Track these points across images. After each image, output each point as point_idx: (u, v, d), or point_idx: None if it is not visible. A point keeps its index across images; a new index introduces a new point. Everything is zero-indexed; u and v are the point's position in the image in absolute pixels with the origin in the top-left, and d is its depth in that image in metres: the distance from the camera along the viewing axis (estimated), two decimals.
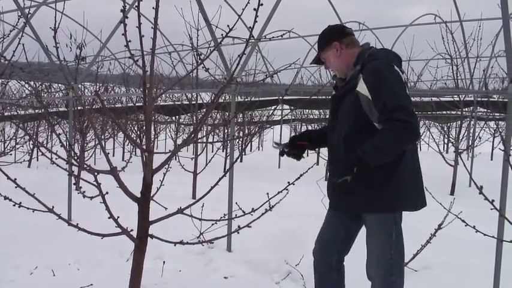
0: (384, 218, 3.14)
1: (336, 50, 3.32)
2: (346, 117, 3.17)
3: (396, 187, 3.08)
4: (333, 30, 3.43)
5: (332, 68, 3.44)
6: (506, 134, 4.32)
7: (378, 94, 2.96)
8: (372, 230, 3.22)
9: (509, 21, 4.21)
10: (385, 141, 2.92)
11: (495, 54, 12.67)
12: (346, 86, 3.23)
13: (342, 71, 3.36)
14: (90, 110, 11.68)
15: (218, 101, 2.96)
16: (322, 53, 3.42)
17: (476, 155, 13.46)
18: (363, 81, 3.04)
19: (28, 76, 11.73)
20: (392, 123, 2.87)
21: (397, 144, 2.96)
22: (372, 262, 3.23)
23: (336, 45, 3.32)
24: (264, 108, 19.92)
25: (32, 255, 5.35)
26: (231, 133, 6.48)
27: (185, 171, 9.43)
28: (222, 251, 5.80)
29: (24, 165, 14.37)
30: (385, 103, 2.90)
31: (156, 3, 2.27)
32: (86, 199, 2.58)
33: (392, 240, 3.13)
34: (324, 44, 3.39)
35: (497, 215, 3.71)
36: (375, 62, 3.09)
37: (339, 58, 3.33)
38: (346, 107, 3.18)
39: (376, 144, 2.93)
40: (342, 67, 3.34)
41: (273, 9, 5.89)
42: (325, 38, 3.41)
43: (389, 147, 2.96)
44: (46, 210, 2.57)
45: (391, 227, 3.13)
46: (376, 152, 2.93)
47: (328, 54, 3.36)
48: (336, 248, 3.45)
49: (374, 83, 3.00)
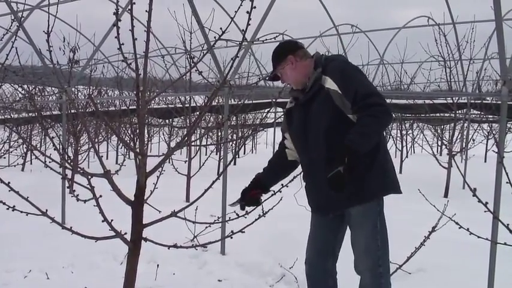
0: (369, 208, 3.21)
1: (291, 63, 3.41)
2: (319, 118, 3.24)
3: (378, 173, 3.19)
4: (286, 45, 3.58)
5: (289, 81, 3.51)
6: (500, 136, 4.34)
7: (347, 86, 3.11)
8: (357, 223, 3.27)
9: (502, 23, 4.23)
10: (368, 125, 3.04)
11: (488, 57, 12.75)
12: (311, 90, 3.32)
13: (299, 81, 3.43)
14: (84, 113, 11.65)
15: (211, 104, 2.96)
16: (278, 68, 3.47)
17: (470, 157, 13.50)
18: (330, 79, 3.18)
19: (21, 79, 11.71)
20: (369, 108, 3.02)
21: (378, 126, 3.12)
22: (360, 255, 3.27)
23: (290, 58, 3.41)
24: (257, 111, 19.92)
25: (26, 258, 5.33)
26: (224, 136, 6.49)
27: (179, 174, 9.42)
28: (216, 254, 5.80)
29: (17, 169, 14.30)
30: (356, 92, 3.06)
31: (149, 6, 2.26)
32: (80, 202, 2.57)
33: (377, 230, 3.20)
34: (279, 59, 3.47)
35: (491, 217, 3.71)
36: (335, 62, 3.31)
37: (295, 70, 3.41)
38: (318, 109, 3.25)
39: (360, 130, 3.03)
40: (299, 78, 3.42)
41: (266, 12, 5.90)
42: (279, 53, 3.49)
43: (373, 131, 3.08)
44: (40, 214, 2.56)
45: (376, 216, 3.21)
46: (361, 138, 3.02)
47: (284, 68, 3.44)
48: (329, 253, 3.48)
49: (341, 77, 3.15)
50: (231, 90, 6.17)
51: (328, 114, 3.18)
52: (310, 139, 3.31)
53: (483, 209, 3.33)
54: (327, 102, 3.18)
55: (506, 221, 3.31)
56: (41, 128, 15.12)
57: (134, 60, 2.36)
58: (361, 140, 3.00)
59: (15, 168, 12.81)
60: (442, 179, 11.73)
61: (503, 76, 4.22)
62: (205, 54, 2.67)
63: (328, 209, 3.35)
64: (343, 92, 3.11)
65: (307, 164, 3.41)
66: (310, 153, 3.33)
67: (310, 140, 3.31)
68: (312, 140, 3.29)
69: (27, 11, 8.40)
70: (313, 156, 3.29)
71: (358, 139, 2.99)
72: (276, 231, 6.28)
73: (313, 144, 3.28)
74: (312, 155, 3.31)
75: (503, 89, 4.17)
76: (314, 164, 3.30)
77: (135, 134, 12.36)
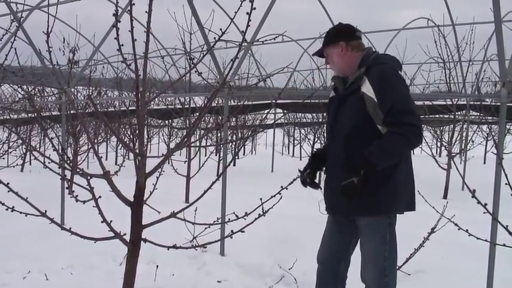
0: (379, 220, 3.16)
1: (342, 49, 3.30)
2: (348, 118, 3.18)
3: (391, 190, 3.11)
4: (343, 30, 3.39)
5: (332, 66, 3.42)
6: (499, 137, 4.34)
7: (385, 97, 2.98)
8: (366, 233, 3.23)
9: (502, 25, 4.23)
10: (393, 143, 2.95)
11: (487, 58, 12.75)
12: (349, 88, 3.23)
13: (342, 71, 3.35)
14: (83, 114, 11.65)
15: (211, 104, 2.96)
16: (326, 49, 3.39)
17: (469, 159, 13.50)
18: (369, 84, 3.06)
19: (21, 80, 11.70)
20: (401, 127, 2.91)
21: (404, 147, 3.01)
22: (366, 264, 3.24)
23: (342, 45, 3.30)
24: (257, 112, 19.93)
25: (25, 259, 5.33)
26: (224, 137, 6.49)
27: (178, 175, 9.42)
28: (216, 255, 5.79)
29: (17, 169, 14.30)
30: (392, 106, 2.93)
31: (148, 7, 2.26)
32: (79, 203, 2.57)
33: (386, 241, 3.15)
34: (330, 40, 3.36)
35: (490, 219, 3.72)
36: (381, 66, 3.13)
37: (342, 58, 3.31)
38: (349, 108, 3.18)
39: (383, 145, 2.96)
40: (343, 68, 3.33)
41: (265, 13, 5.89)
42: (332, 35, 3.38)
43: (397, 150, 3.00)
44: (39, 215, 2.56)
45: (385, 229, 3.15)
46: (383, 154, 2.95)
47: (332, 51, 3.34)
48: (342, 257, 3.44)
49: (381, 85, 3.03)
50: (231, 91, 6.17)
51: (356, 117, 3.12)
52: (335, 137, 3.28)
53: (482, 210, 3.34)
54: (358, 105, 3.09)
55: (506, 222, 3.31)
56: (40, 128, 15.12)
57: (134, 61, 2.36)
58: (381, 155, 2.94)
59: (15, 168, 12.82)
60: (441, 180, 11.73)
61: (502, 78, 4.22)
62: (205, 55, 2.67)
63: (336, 210, 3.35)
64: (378, 101, 3.00)
65: (328, 160, 3.37)
66: (332, 151, 3.31)
67: (335, 137, 3.28)
68: (336, 139, 3.26)
69: (26, 12, 8.39)
70: (334, 155, 3.27)
71: (378, 153, 2.94)
72: (276, 232, 6.28)
73: (336, 143, 3.25)
74: (333, 152, 3.29)
75: (503, 91, 4.17)
76: (333, 163, 3.28)
77: (135, 134, 12.34)
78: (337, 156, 3.21)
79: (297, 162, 20.21)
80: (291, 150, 28.99)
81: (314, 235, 3.69)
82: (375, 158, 2.93)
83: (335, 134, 3.28)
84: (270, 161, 17.02)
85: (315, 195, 3.65)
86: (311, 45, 15.65)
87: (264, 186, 6.06)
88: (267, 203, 2.79)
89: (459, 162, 15.17)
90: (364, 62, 3.20)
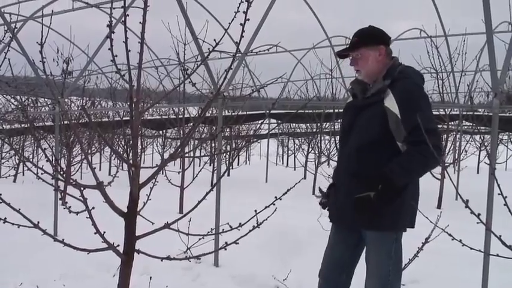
0: (385, 235, 3.14)
1: (380, 54, 3.18)
2: (364, 128, 3.11)
3: (399, 208, 3.07)
4: (382, 34, 3.27)
5: (362, 69, 3.23)
6: (491, 147, 4.36)
7: (410, 115, 2.89)
8: (372, 246, 3.21)
9: (493, 36, 4.26)
10: (415, 163, 2.92)
11: (480, 69, 12.82)
12: (371, 98, 3.13)
13: (370, 76, 3.21)
14: (77, 125, 11.62)
15: (205, 115, 2.96)
16: (361, 49, 3.20)
17: (463, 169, 13.54)
18: (394, 99, 2.98)
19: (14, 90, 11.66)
20: (424, 146, 2.76)
21: (424, 168, 2.99)
22: (371, 277, 3.21)
23: (382, 49, 3.18)
24: (251, 122, 19.94)
25: (17, 271, 5.29)
26: (218, 147, 6.48)
27: (172, 186, 9.39)
28: (210, 266, 5.77)
29: (9, 180, 14.24)
30: (417, 125, 2.78)
31: (142, 18, 2.27)
32: (72, 214, 2.55)
33: (391, 256, 3.13)
34: (371, 41, 3.21)
35: (483, 228, 3.72)
36: (407, 81, 3.06)
37: (378, 63, 3.18)
38: (367, 118, 3.11)
39: (405, 164, 2.92)
40: (374, 72, 3.18)
41: (259, 24, 5.92)
42: (373, 36, 3.24)
43: (417, 171, 2.98)
44: (31, 226, 2.54)
45: (391, 244, 3.13)
46: (404, 173, 2.93)
47: (369, 53, 3.18)
48: (344, 269, 3.39)
49: (407, 102, 2.96)
50: (225, 102, 6.17)
51: (375, 130, 3.05)
52: (348, 146, 3.20)
53: (476, 220, 3.34)
54: (379, 119, 3.02)
55: (499, 232, 3.31)
56: (34, 139, 15.06)
57: (128, 71, 2.36)
58: (402, 173, 2.92)
59: (7, 179, 12.76)
60: (435, 190, 11.75)
61: (494, 88, 4.25)
62: (199, 65, 2.68)
63: (343, 221, 3.30)
64: (402, 118, 2.93)
65: (336, 169, 3.32)
66: (344, 160, 3.23)
67: (348, 146, 3.20)
68: (348, 148, 3.18)
69: (20, 22, 8.40)
70: (345, 164, 3.21)
71: (399, 172, 2.91)
72: (269, 243, 6.27)
73: (347, 152, 3.18)
74: (343, 161, 3.24)
75: (495, 101, 4.20)
76: (343, 172, 3.23)
77: (129, 145, 12.32)
78: (347, 165, 3.18)
79: (291, 172, 20.21)
80: (285, 160, 28.99)
81: (309, 246, 3.68)
82: (395, 176, 2.91)
83: (348, 142, 3.20)
84: (264, 171, 17.00)
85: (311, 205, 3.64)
86: (304, 55, 15.71)
87: (258, 197, 6.05)
88: (261, 214, 2.79)
89: (453, 172, 15.22)
90: (390, 74, 3.11)
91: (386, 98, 3.02)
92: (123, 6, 2.32)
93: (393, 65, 3.17)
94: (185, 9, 5.84)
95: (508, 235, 3.23)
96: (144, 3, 2.28)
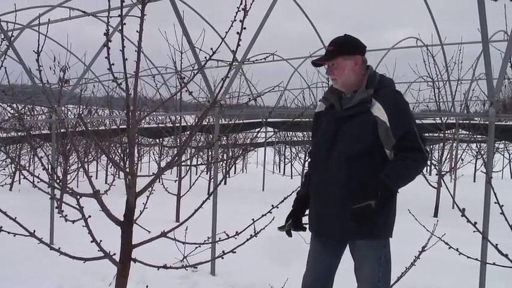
0: (376, 243, 3.15)
1: (356, 64, 3.17)
2: (354, 138, 3.09)
3: (388, 215, 3.12)
4: (360, 43, 3.25)
5: (338, 78, 3.20)
6: (488, 156, 4.37)
7: (400, 123, 2.98)
8: (361, 254, 3.20)
9: (489, 45, 4.28)
10: (408, 169, 2.97)
11: (476, 78, 12.88)
12: (354, 108, 3.12)
13: (346, 86, 3.20)
14: (73, 133, 11.61)
15: (202, 123, 2.96)
16: (338, 59, 3.18)
17: (459, 177, 13.56)
18: (382, 108, 3.01)
19: (11, 99, 11.66)
20: (414, 153, 2.93)
21: (415, 173, 3.02)
22: (364, 285, 3.21)
23: (358, 58, 3.17)
24: (247, 130, 19.95)
25: (13, 280, 5.27)
26: (215, 156, 6.48)
27: (169, 194, 9.38)
28: (206, 275, 5.76)
29: (5, 189, 14.19)
30: (408, 132, 2.95)
31: (139, 27, 2.27)
32: (68, 223, 2.55)
33: (381, 262, 3.13)
34: (347, 51, 3.19)
35: (480, 237, 3.72)
36: (389, 91, 3.14)
37: (354, 73, 3.17)
38: (356, 127, 3.10)
39: (400, 171, 2.96)
40: (350, 82, 3.18)
41: (256, 33, 5.94)
42: (351, 45, 3.22)
43: (411, 176, 3.01)
44: (27, 234, 2.53)
45: (381, 250, 3.14)
46: (400, 179, 2.96)
47: (345, 63, 3.16)
48: (329, 278, 3.37)
49: (396, 112, 3.02)
50: (222, 110, 6.18)
51: (364, 140, 3.05)
52: (333, 156, 3.13)
53: (472, 229, 3.34)
54: (368, 129, 3.03)
55: (496, 240, 3.31)
56: (30, 147, 15.04)
57: (125, 79, 2.36)
58: (398, 179, 2.95)
59: (3, 188, 12.71)
60: (431, 198, 11.76)
61: (490, 97, 4.26)
62: (196, 74, 2.68)
63: (331, 233, 3.25)
64: (391, 127, 2.96)
65: (319, 181, 3.23)
66: (328, 171, 3.15)
67: (333, 157, 3.13)
68: (335, 159, 3.12)
69: (17, 31, 8.41)
70: (330, 175, 3.13)
71: (396, 178, 2.94)
72: (266, 251, 6.25)
73: (335, 163, 3.12)
74: (329, 172, 3.14)
75: (491, 110, 4.21)
76: (328, 183, 3.16)
77: (125, 153, 12.32)
78: (335, 178, 3.12)
79: (287, 181, 20.19)
80: (281, 168, 29.00)
81: (306, 254, 3.67)
82: (393, 182, 2.93)
83: (332, 155, 3.14)
84: (261, 179, 17.00)
85: None
86: (301, 64, 15.75)
87: (255, 205, 6.04)
88: (258, 222, 2.78)
89: (449, 181, 15.24)
90: (370, 83, 3.12)
91: (374, 108, 3.04)
92: (120, 15, 2.32)
93: (371, 74, 3.19)
94: (182, 18, 5.86)
95: (504, 244, 3.23)
96: (141, 12, 2.28)
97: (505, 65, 4.31)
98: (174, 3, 5.91)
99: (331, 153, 3.16)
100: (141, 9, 2.29)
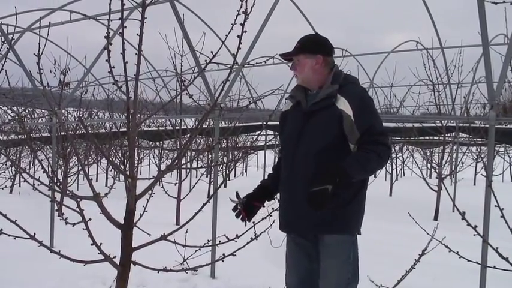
0: (344, 239, 3.13)
1: (317, 63, 3.21)
2: (320, 132, 3.11)
3: (357, 208, 3.15)
4: (323, 43, 3.31)
5: (300, 75, 3.29)
6: (488, 159, 4.37)
7: (364, 117, 3.03)
8: (329, 252, 3.14)
9: (489, 48, 4.29)
10: (370, 161, 2.98)
11: (476, 81, 12.88)
12: (320, 103, 3.15)
13: (308, 83, 3.28)
14: (74, 136, 11.61)
15: (202, 126, 2.96)
16: (300, 55, 3.26)
17: (459, 180, 13.54)
18: (347, 102, 3.04)
19: (11, 102, 11.68)
20: (378, 146, 2.98)
21: (377, 166, 3.07)
22: (328, 283, 3.15)
23: (319, 58, 3.21)
24: (248, 133, 19.94)
25: (13, 282, 5.26)
26: (215, 159, 6.48)
27: (169, 197, 9.37)
28: (206, 278, 5.75)
29: (6, 192, 14.18)
30: (372, 126, 3.02)
31: (140, 30, 2.28)
32: (69, 225, 2.55)
33: (350, 262, 3.11)
34: (308, 49, 3.25)
35: (480, 240, 3.72)
36: (354, 86, 3.22)
37: (314, 72, 3.23)
38: (321, 122, 3.12)
39: (361, 160, 2.97)
40: (311, 80, 3.25)
41: (256, 36, 5.94)
42: (312, 45, 3.28)
43: (372, 168, 3.06)
44: (28, 237, 2.53)
45: (350, 247, 3.13)
46: (361, 168, 2.97)
47: (306, 61, 3.23)
48: (311, 283, 3.30)
49: (360, 106, 3.05)
50: (222, 113, 6.18)
51: (330, 134, 3.06)
52: (300, 151, 3.14)
53: (473, 232, 3.34)
54: (334, 122, 3.05)
55: (496, 244, 3.31)
56: (30, 150, 15.04)
57: (125, 83, 2.37)
58: (358, 168, 2.95)
59: (4, 191, 12.70)
60: (432, 202, 11.74)
61: (490, 100, 4.26)
62: (196, 77, 2.68)
63: (300, 229, 3.24)
64: (356, 120, 3.00)
65: (288, 175, 3.22)
66: (296, 166, 3.16)
67: (300, 152, 3.14)
68: (302, 154, 3.13)
69: (18, 34, 8.41)
70: (298, 170, 3.14)
71: (356, 166, 2.94)
72: (265, 254, 6.24)
73: (302, 158, 3.12)
74: (297, 167, 3.15)
75: (491, 113, 4.21)
76: (296, 178, 3.15)
77: (125, 156, 12.31)
78: (302, 173, 3.11)
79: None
80: None
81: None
82: (353, 170, 2.93)
83: (299, 151, 3.15)
84: None
85: None
86: None
87: None
88: (258, 225, 2.78)
89: (449, 184, 15.23)
90: (336, 79, 3.18)
91: (339, 102, 3.08)
92: (121, 18, 2.33)
93: (336, 71, 3.25)
94: (182, 21, 5.87)
95: (504, 247, 3.24)
96: (141, 15, 2.29)
97: (505, 68, 4.31)
98: (174, 6, 5.92)
99: (298, 149, 3.17)
100: (142, 12, 2.29)
